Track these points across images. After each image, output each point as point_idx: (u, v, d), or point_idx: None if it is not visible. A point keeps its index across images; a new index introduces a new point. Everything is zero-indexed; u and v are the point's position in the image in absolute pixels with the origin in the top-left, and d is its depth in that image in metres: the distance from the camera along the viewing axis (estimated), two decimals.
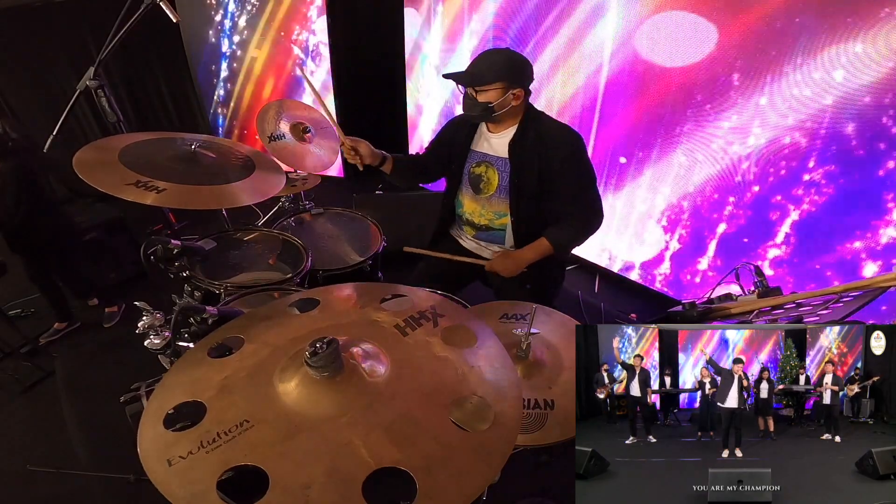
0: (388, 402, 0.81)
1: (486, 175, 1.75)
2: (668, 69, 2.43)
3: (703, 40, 2.27)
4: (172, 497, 0.67)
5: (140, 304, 1.20)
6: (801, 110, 2.09)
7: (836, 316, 1.24)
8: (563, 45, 2.76)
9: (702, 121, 2.41)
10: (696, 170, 2.54)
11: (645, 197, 2.80)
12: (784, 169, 2.23)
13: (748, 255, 2.42)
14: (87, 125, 3.87)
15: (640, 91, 2.58)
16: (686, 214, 2.67)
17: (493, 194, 1.75)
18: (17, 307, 2.86)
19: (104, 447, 2.00)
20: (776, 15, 2.04)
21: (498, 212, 1.77)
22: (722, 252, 2.60)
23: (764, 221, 2.36)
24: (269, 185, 1.65)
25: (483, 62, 1.59)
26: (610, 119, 2.77)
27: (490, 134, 1.73)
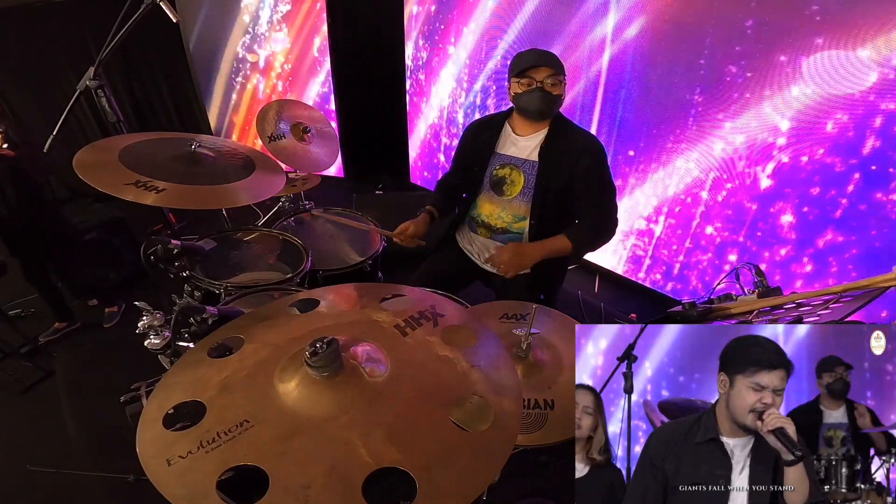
0: (388, 402, 0.81)
1: (511, 177, 1.72)
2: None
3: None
4: (172, 497, 0.67)
5: (140, 304, 1.20)
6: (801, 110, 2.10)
7: (836, 316, 1.24)
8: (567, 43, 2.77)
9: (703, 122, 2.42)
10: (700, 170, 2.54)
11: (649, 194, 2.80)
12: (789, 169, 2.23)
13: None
14: (87, 125, 3.87)
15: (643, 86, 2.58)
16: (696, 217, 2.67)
17: (516, 197, 1.72)
18: (17, 307, 2.86)
19: (104, 447, 2.00)
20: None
21: (518, 215, 1.74)
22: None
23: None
24: (269, 185, 1.65)
25: (551, 54, 1.59)
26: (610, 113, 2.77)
27: (518, 137, 1.71)
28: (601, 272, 3.19)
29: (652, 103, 2.56)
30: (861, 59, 1.89)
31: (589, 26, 2.61)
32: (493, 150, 1.75)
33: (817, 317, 1.28)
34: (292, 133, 2.42)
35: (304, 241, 1.91)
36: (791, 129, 2.16)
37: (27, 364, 2.47)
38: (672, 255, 2.82)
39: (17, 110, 3.55)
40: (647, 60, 2.48)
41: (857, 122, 1.98)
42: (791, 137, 2.17)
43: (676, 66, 2.39)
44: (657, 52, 2.43)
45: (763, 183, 2.32)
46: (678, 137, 2.53)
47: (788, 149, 2.19)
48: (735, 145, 2.35)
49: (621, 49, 2.55)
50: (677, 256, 2.80)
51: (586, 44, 2.66)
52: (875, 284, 1.23)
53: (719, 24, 2.20)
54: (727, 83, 2.26)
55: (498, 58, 3.08)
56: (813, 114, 2.07)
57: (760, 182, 2.33)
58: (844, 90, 1.97)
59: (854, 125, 1.99)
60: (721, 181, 2.47)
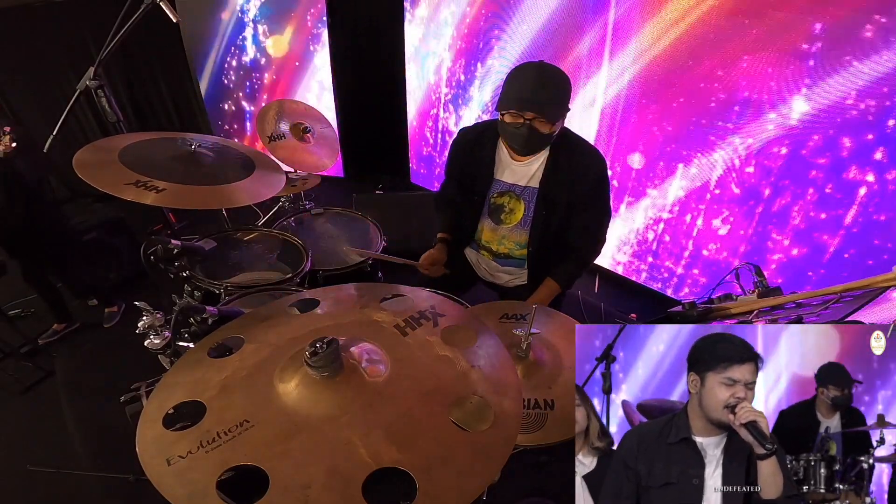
0: (388, 402, 0.81)
1: (510, 205, 1.62)
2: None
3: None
4: (172, 497, 0.67)
5: (140, 304, 1.20)
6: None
7: (836, 316, 1.24)
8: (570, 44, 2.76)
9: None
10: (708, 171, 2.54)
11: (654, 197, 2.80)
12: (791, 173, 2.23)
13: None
14: (87, 125, 3.87)
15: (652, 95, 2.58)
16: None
17: (516, 225, 1.64)
18: (16, 307, 2.86)
19: (104, 447, 2.00)
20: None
21: (519, 242, 1.67)
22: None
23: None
24: (269, 185, 1.65)
25: (552, 89, 1.35)
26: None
27: (514, 161, 1.56)
28: (601, 272, 3.19)
29: (654, 103, 2.56)
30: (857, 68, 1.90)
31: (589, 22, 2.61)
32: (491, 175, 1.61)
33: (818, 317, 1.28)
34: (292, 133, 2.42)
35: (304, 241, 1.91)
36: (792, 129, 2.16)
37: (27, 364, 2.47)
38: (673, 255, 2.82)
39: (17, 110, 3.56)
40: (650, 58, 2.48)
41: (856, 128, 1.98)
42: (791, 138, 2.17)
43: (681, 66, 2.39)
44: (661, 50, 2.43)
45: (764, 182, 2.33)
46: (679, 137, 2.53)
47: (790, 149, 2.19)
48: (735, 145, 2.35)
49: (623, 48, 2.55)
50: (678, 256, 2.80)
51: (586, 41, 2.66)
52: (875, 284, 1.22)
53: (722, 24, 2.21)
54: (727, 84, 2.26)
55: (497, 58, 3.08)
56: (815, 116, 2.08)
57: (761, 182, 2.33)
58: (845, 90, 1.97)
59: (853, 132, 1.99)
60: (722, 181, 2.47)
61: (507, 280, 1.82)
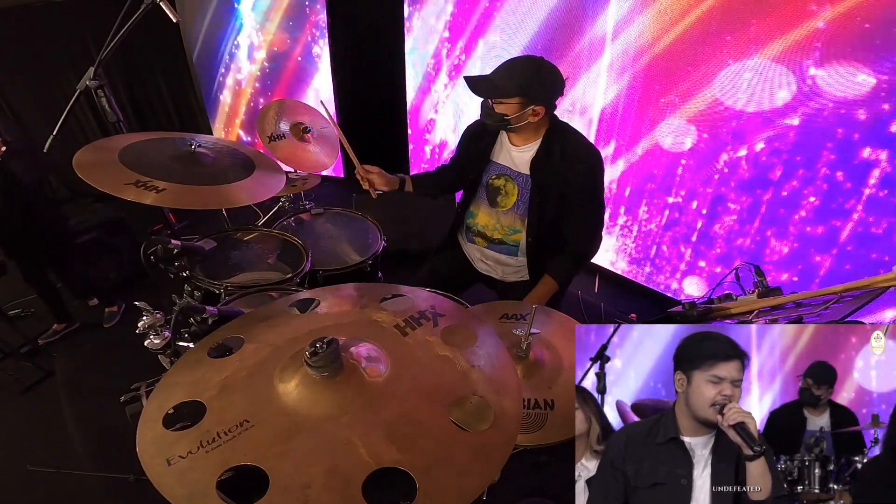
0: (388, 402, 0.81)
1: (506, 188, 1.68)
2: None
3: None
4: (172, 497, 0.67)
5: (140, 304, 1.20)
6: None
7: (836, 316, 1.24)
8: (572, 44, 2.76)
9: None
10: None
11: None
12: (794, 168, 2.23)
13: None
14: (87, 125, 3.87)
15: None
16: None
17: (511, 209, 1.69)
18: (17, 307, 2.86)
19: (104, 447, 2.00)
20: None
21: (513, 227, 1.71)
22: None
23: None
24: (269, 185, 1.65)
25: (505, 72, 1.46)
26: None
27: (512, 146, 1.63)
28: (601, 272, 3.19)
29: (654, 102, 2.56)
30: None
31: (589, 24, 2.61)
32: (488, 157, 1.69)
33: (818, 317, 1.28)
34: (292, 133, 2.42)
35: (304, 241, 1.91)
36: (793, 128, 2.16)
37: (27, 364, 2.47)
38: (673, 255, 2.82)
39: (16, 110, 3.56)
40: (651, 56, 2.48)
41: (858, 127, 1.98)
42: (792, 138, 2.17)
43: (682, 65, 2.39)
44: (661, 47, 2.43)
45: (766, 183, 2.32)
46: (680, 138, 2.53)
47: (794, 150, 2.19)
48: (736, 146, 2.35)
49: (623, 44, 2.55)
50: (678, 256, 2.80)
51: (586, 40, 2.66)
52: (875, 284, 1.22)
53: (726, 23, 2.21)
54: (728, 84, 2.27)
55: (495, 57, 3.08)
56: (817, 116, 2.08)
57: (763, 183, 2.33)
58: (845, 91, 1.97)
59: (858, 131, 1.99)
60: (723, 181, 2.47)
61: (504, 273, 1.82)
